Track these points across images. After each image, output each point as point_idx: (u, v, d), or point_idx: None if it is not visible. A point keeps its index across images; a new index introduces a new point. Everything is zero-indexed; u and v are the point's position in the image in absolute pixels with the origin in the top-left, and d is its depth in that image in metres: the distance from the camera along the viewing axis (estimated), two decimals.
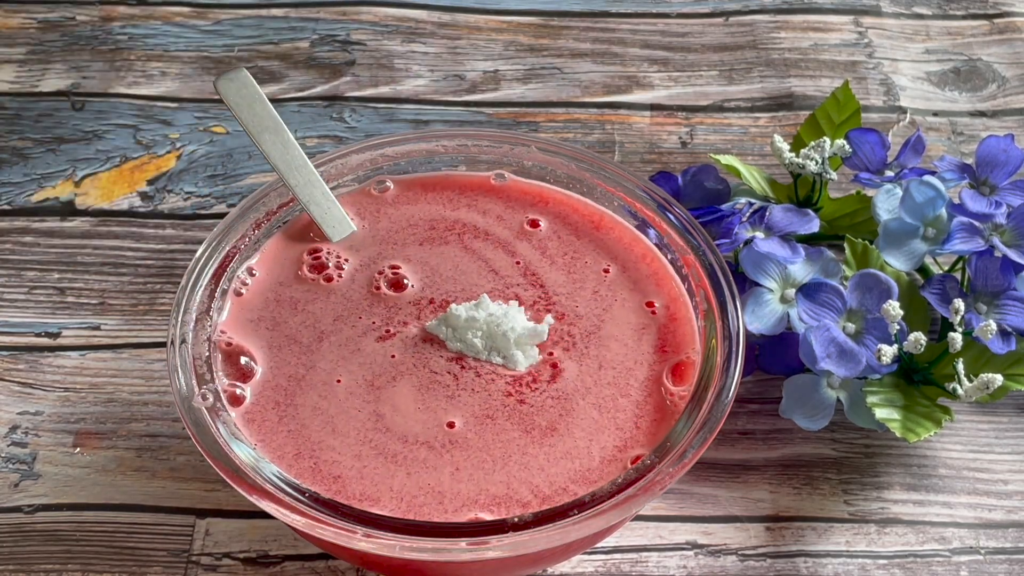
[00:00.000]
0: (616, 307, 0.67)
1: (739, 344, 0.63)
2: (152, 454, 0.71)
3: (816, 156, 0.75)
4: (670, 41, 0.95)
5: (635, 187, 0.70)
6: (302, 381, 0.63)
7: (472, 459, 0.61)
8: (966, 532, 0.68)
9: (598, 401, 0.63)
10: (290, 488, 0.58)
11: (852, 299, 0.69)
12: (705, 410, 0.61)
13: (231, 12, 0.96)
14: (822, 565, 0.67)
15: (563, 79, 0.92)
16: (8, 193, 0.84)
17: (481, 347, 0.64)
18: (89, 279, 0.79)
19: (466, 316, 0.64)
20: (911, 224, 0.72)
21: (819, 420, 0.68)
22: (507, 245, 0.69)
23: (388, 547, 0.56)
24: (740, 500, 0.69)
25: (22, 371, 0.74)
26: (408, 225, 0.70)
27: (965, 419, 0.73)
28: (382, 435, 0.61)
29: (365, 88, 0.91)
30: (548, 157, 0.72)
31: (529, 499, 0.59)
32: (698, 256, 0.67)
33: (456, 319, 0.64)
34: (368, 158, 0.72)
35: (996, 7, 0.98)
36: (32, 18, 0.95)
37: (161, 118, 0.88)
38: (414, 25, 0.96)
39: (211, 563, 0.66)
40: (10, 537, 0.67)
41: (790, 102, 0.91)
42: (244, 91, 0.70)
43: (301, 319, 0.66)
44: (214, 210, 0.83)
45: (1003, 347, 0.67)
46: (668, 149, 0.87)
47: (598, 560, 0.67)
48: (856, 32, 0.96)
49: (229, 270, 0.67)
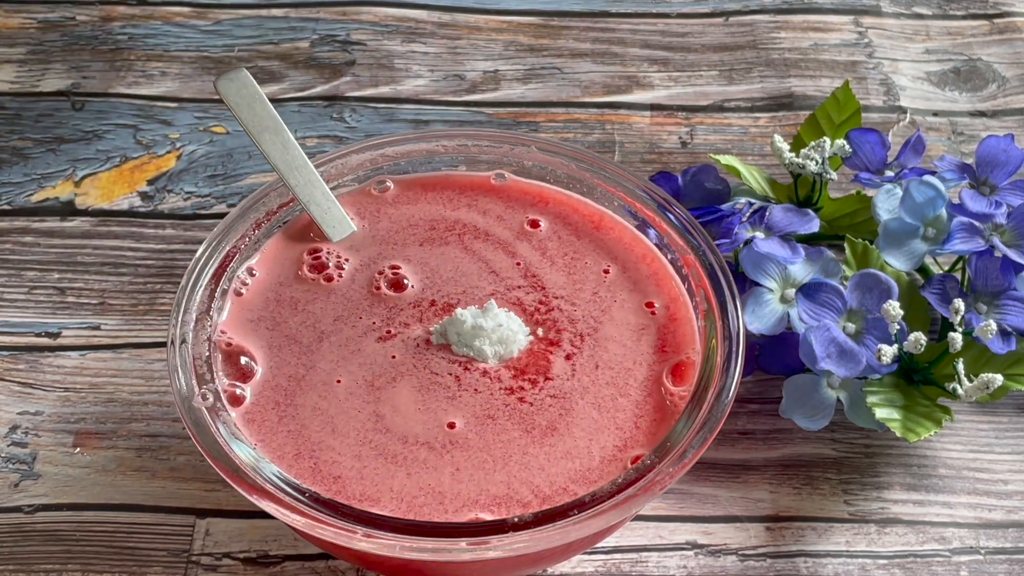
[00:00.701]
0: (616, 307, 0.67)
1: (739, 344, 0.63)
2: (152, 454, 0.71)
3: (816, 156, 0.75)
4: (670, 41, 0.95)
5: (635, 187, 0.70)
6: (302, 381, 0.63)
7: (472, 459, 0.61)
8: (966, 532, 0.68)
9: (598, 401, 0.63)
10: (290, 488, 0.58)
11: (852, 299, 0.69)
12: (705, 410, 0.61)
13: (231, 12, 0.96)
14: (822, 565, 0.67)
15: (563, 79, 0.92)
16: (8, 193, 0.84)
17: (490, 353, 0.64)
18: (89, 279, 0.79)
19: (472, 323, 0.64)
20: (911, 224, 0.72)
21: (819, 420, 0.68)
22: (507, 245, 0.69)
23: (388, 547, 0.56)
24: (740, 500, 0.69)
25: (22, 371, 0.74)
26: (408, 225, 0.70)
27: (965, 419, 0.73)
28: (382, 435, 0.61)
29: (365, 88, 0.91)
30: (548, 157, 0.72)
31: (529, 499, 0.59)
32: (698, 256, 0.67)
33: (461, 324, 0.64)
34: (368, 158, 0.72)
35: (996, 7, 0.98)
36: (32, 18, 0.95)
37: (161, 118, 0.88)
38: (414, 25, 0.96)
39: (211, 563, 0.66)
40: (10, 537, 0.67)
41: (790, 102, 0.91)
42: (244, 91, 0.70)
43: (301, 319, 0.66)
44: (214, 210, 0.83)
45: (1003, 347, 0.67)
46: (668, 149, 0.87)
47: (598, 560, 0.67)
48: (856, 32, 0.96)
49: (229, 270, 0.67)
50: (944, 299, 0.69)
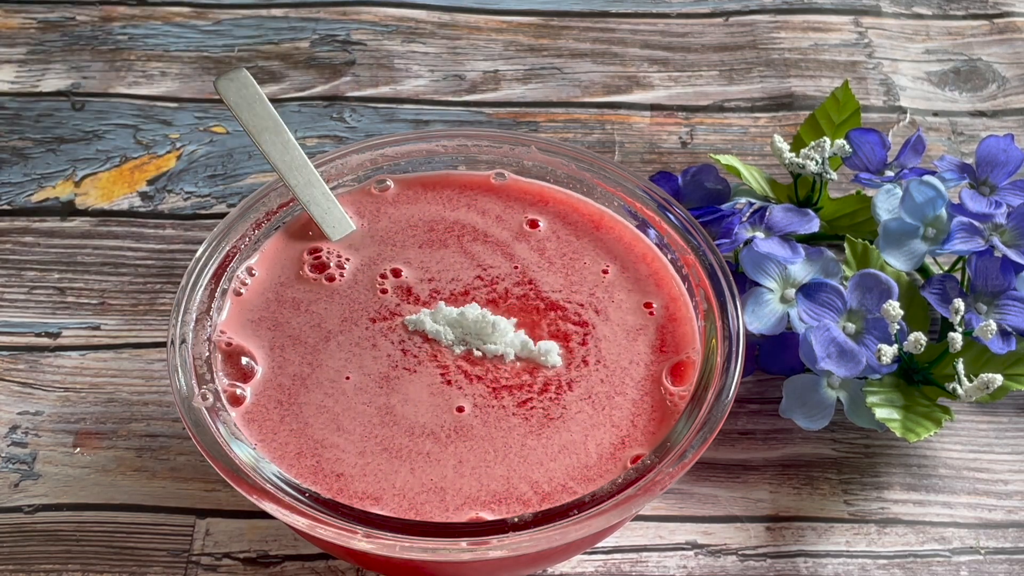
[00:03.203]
0: (616, 307, 0.67)
1: (739, 344, 0.63)
2: (152, 454, 0.71)
3: (816, 156, 0.75)
4: (670, 41, 0.95)
5: (635, 187, 0.70)
6: (307, 380, 0.63)
7: (475, 450, 0.61)
8: (966, 532, 0.68)
9: (598, 401, 0.63)
10: (290, 488, 0.58)
11: (852, 299, 0.69)
12: (705, 410, 0.61)
13: (231, 12, 0.96)
14: (822, 565, 0.67)
15: (563, 79, 0.92)
16: (8, 193, 0.84)
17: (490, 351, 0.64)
18: (89, 279, 0.79)
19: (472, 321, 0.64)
20: (911, 224, 0.72)
21: (819, 420, 0.68)
22: (507, 245, 0.69)
23: (388, 547, 0.56)
24: (740, 500, 0.69)
25: (22, 371, 0.74)
26: (408, 225, 0.70)
27: (965, 419, 0.73)
28: (389, 429, 0.61)
29: (365, 88, 0.91)
30: (548, 157, 0.72)
31: (529, 496, 0.59)
32: (698, 256, 0.67)
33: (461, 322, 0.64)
34: (368, 158, 0.72)
35: (996, 7, 0.98)
36: (32, 18, 0.95)
37: (161, 118, 0.88)
38: (414, 25, 0.96)
39: (211, 563, 0.66)
40: (10, 537, 0.67)
41: (790, 102, 0.91)
42: (244, 91, 0.70)
43: (302, 319, 0.66)
44: (214, 210, 0.83)
45: (1003, 347, 0.67)
46: (668, 149, 0.87)
47: (598, 560, 0.67)
48: (856, 32, 0.96)
49: (229, 270, 0.67)
50: (944, 299, 0.69)
